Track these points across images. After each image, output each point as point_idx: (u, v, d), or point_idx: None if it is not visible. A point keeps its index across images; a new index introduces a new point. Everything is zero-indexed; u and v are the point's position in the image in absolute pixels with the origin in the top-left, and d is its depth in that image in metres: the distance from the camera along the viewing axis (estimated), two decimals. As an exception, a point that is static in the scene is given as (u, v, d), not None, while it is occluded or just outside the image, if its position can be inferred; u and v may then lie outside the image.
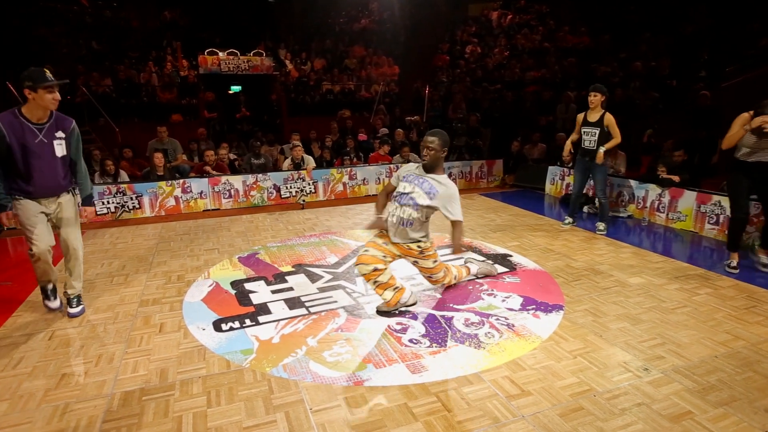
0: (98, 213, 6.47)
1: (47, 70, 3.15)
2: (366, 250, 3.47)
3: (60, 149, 3.33)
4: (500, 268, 4.39)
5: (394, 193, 3.54)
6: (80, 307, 3.60)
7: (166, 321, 3.44)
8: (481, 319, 3.40)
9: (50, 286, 3.58)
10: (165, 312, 3.59)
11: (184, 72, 11.72)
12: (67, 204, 3.47)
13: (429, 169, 3.43)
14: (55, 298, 3.61)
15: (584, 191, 6.04)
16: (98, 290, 4.04)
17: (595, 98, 5.23)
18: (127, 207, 6.63)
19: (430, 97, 11.03)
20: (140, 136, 8.93)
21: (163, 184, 6.76)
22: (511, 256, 4.75)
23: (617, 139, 5.21)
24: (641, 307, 3.57)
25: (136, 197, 6.64)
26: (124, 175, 6.97)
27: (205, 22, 13.35)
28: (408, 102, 12.51)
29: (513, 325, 3.31)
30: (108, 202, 6.51)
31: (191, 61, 12.17)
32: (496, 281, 4.10)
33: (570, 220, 5.80)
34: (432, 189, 3.38)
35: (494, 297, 3.78)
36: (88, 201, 3.60)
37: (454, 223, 3.36)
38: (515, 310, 3.54)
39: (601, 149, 5.22)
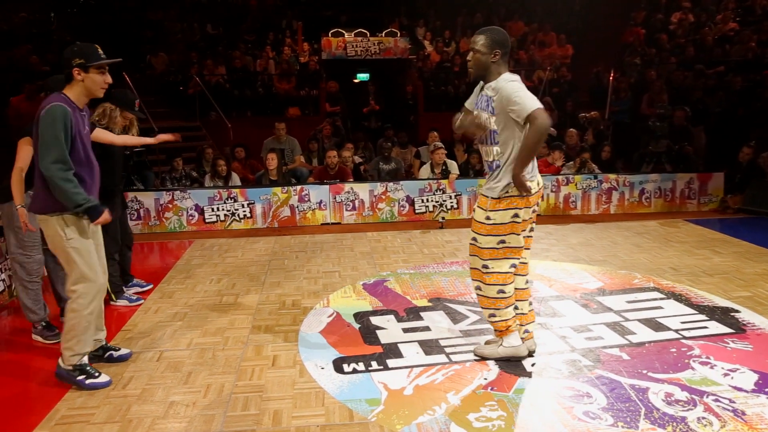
0: (207, 221, 7.28)
1: (98, 47, 3.26)
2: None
3: (87, 137, 3.40)
4: (718, 327, 4.04)
5: None
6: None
7: (279, 353, 3.75)
8: (690, 397, 3.16)
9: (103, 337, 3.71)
10: (279, 342, 3.92)
11: (304, 57, 12.74)
12: None
13: (484, 81, 3.38)
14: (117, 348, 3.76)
15: None
16: (206, 309, 4.55)
17: None
18: (238, 216, 7.36)
19: (616, 85, 10.58)
20: (253, 133, 9.89)
21: (278, 190, 7.40)
22: (737, 311, 4.36)
23: None
24: None
25: (248, 204, 7.35)
26: (235, 179, 7.78)
27: (331, -2, 14.40)
28: (584, 93, 12.12)
29: (743, 413, 3.02)
30: (218, 209, 7.30)
31: (313, 44, 13.18)
32: (715, 346, 3.78)
33: None
34: (489, 101, 3.28)
35: (712, 368, 3.49)
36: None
37: (529, 119, 3.08)
38: (746, 391, 3.22)
39: None
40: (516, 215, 3.28)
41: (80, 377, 3.32)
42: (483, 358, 3.58)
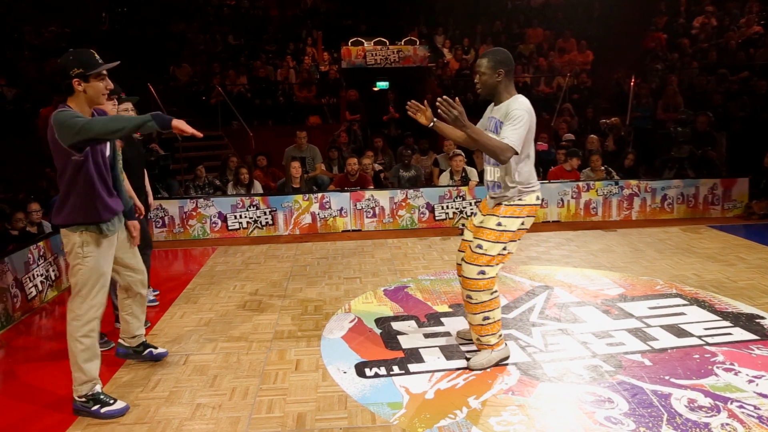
0: (230, 228, 7.40)
1: (94, 51, 3.07)
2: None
3: (107, 148, 3.27)
4: (743, 334, 4.02)
5: None
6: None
7: (302, 358, 3.81)
8: (714, 404, 3.15)
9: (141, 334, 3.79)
10: (301, 347, 3.99)
11: (324, 66, 12.89)
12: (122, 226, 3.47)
13: (493, 100, 3.48)
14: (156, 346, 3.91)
15: None
16: (231, 315, 4.63)
17: None
18: (260, 223, 7.47)
19: (637, 91, 10.53)
20: (274, 141, 10.02)
21: (299, 197, 7.50)
22: (762, 318, 4.32)
23: None
24: None
25: (270, 212, 7.46)
26: (257, 186, 7.89)
27: (350, 7, 14.55)
28: (604, 99, 12.09)
29: (768, 418, 3.01)
30: (240, 216, 7.41)
31: (333, 53, 13.33)
32: (740, 353, 3.75)
33: None
34: (497, 124, 3.36)
35: (736, 374, 3.47)
36: (131, 215, 3.62)
37: (502, 143, 3.19)
38: (771, 397, 3.21)
39: None
40: (522, 223, 3.43)
41: (95, 407, 3.14)
42: (482, 369, 3.56)
